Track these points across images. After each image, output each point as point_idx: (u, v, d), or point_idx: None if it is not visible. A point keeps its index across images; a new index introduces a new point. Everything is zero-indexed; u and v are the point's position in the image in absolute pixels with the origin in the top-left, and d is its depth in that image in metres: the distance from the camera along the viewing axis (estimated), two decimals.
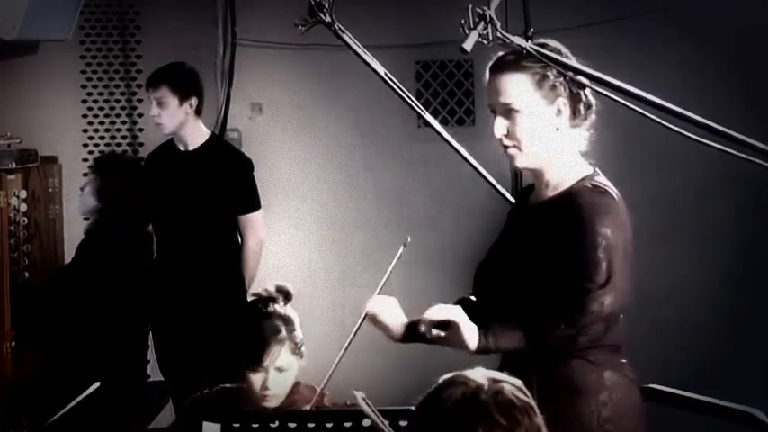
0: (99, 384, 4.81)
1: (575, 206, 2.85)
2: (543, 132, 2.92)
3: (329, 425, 2.82)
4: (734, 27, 5.88)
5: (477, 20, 2.74)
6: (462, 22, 2.75)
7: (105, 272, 4.88)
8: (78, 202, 5.25)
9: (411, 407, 2.68)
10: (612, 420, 2.87)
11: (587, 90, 2.94)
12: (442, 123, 5.43)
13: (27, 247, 5.24)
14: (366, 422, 2.76)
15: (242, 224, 5.27)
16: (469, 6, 2.75)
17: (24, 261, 5.20)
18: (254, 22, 6.03)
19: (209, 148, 5.27)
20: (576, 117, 2.95)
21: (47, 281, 5.17)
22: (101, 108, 6.04)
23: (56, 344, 4.89)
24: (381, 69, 3.59)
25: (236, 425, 2.85)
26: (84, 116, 6.02)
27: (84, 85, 6.02)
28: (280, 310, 3.35)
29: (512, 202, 3.36)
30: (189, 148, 5.27)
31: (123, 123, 6.06)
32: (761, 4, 5.71)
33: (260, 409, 3.30)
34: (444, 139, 3.62)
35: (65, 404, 4.83)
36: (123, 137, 6.06)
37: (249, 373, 3.31)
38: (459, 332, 2.82)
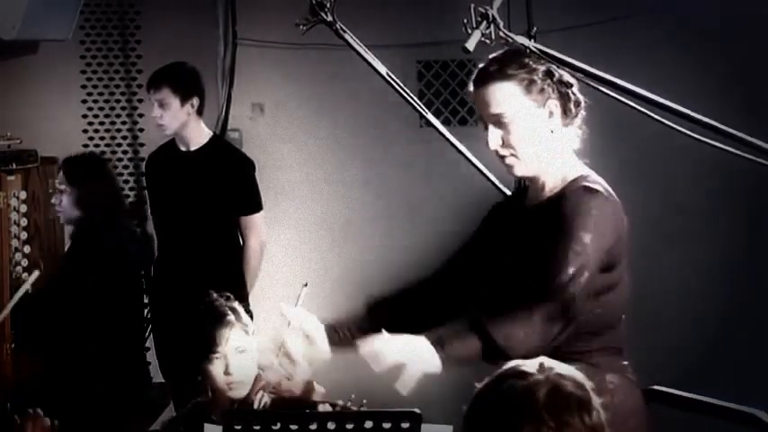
0: (38, 273, 4.80)
1: (562, 208, 2.84)
2: (538, 136, 2.91)
3: (332, 426, 2.81)
4: (733, 27, 5.87)
5: (480, 19, 2.73)
6: (465, 21, 2.74)
7: (97, 274, 4.83)
8: (59, 211, 5.06)
9: (414, 409, 2.67)
10: (615, 423, 2.84)
11: (575, 88, 2.93)
12: (445, 123, 5.41)
13: (27, 248, 5.22)
14: (368, 424, 2.74)
15: (243, 225, 5.26)
16: (472, 6, 2.74)
17: (24, 262, 5.18)
18: (255, 21, 6.02)
19: (210, 149, 5.26)
20: (567, 116, 2.94)
21: (41, 291, 5.12)
22: (101, 108, 6.02)
23: (54, 348, 4.86)
24: (383, 69, 3.59)
25: (237, 427, 2.83)
26: (85, 116, 6.01)
27: (84, 85, 6.00)
28: (224, 303, 3.43)
29: (508, 202, 3.33)
30: (191, 148, 5.26)
31: (123, 123, 6.05)
32: (759, 4, 5.70)
33: (226, 403, 3.34)
34: (446, 139, 3.61)
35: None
36: (123, 137, 6.04)
37: (209, 366, 3.34)
38: (416, 357, 2.67)
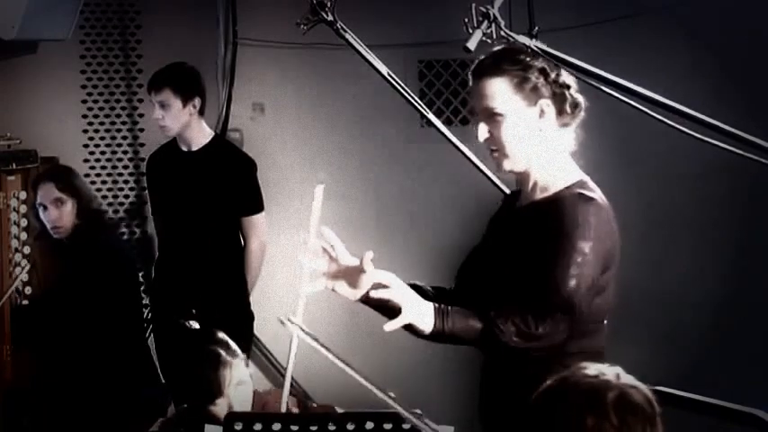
0: (29, 265, 4.78)
1: (558, 215, 2.83)
2: (526, 135, 2.90)
3: (332, 427, 2.80)
4: (733, 27, 5.86)
5: (481, 19, 2.74)
6: (466, 20, 2.74)
7: (93, 278, 4.80)
8: (58, 227, 4.87)
9: (417, 410, 2.66)
10: None
11: (573, 90, 2.92)
12: (446, 123, 5.41)
13: (27, 248, 5.21)
14: (369, 425, 2.73)
15: (245, 226, 5.25)
16: (473, 5, 2.74)
17: (24, 262, 5.17)
18: (255, 21, 6.01)
19: (212, 149, 5.25)
20: (564, 117, 2.93)
21: (38, 301, 5.10)
22: (101, 108, 6.01)
23: (53, 351, 4.86)
24: (384, 69, 3.59)
25: (237, 427, 2.83)
26: (85, 116, 6.00)
27: (84, 85, 5.99)
28: (213, 344, 3.38)
29: (502, 205, 3.33)
30: (192, 148, 5.25)
31: (124, 123, 6.04)
32: (760, 6, 5.70)
33: None
34: (448, 139, 3.61)
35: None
36: (124, 137, 6.03)
37: (212, 408, 3.29)
38: (415, 310, 2.78)
